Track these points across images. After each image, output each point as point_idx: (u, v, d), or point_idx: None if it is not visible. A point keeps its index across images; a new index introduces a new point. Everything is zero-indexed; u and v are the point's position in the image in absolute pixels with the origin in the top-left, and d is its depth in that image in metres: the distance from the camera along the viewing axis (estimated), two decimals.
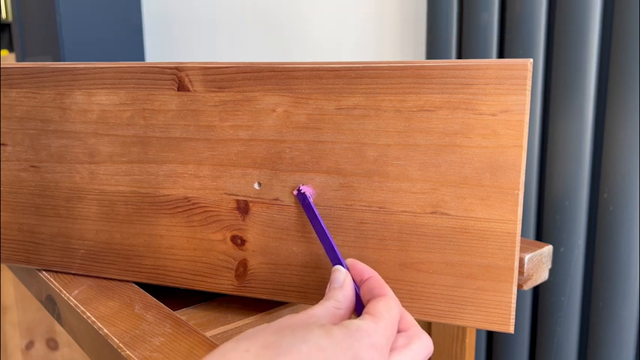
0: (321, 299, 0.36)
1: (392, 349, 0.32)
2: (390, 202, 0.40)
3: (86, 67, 0.47)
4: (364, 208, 0.41)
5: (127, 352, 0.39)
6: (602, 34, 0.73)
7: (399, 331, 0.34)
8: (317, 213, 0.41)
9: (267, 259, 0.44)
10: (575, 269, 0.78)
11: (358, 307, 0.36)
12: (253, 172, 0.43)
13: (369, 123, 0.40)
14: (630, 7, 0.68)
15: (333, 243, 0.39)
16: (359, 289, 0.37)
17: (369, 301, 0.35)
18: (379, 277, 0.37)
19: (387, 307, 0.33)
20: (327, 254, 0.40)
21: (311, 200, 0.41)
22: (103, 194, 0.48)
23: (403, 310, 0.35)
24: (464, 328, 0.63)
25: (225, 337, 0.45)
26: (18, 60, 1.47)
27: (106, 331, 0.41)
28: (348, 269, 0.38)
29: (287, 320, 0.32)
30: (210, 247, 0.45)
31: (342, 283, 0.36)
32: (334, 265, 0.39)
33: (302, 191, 0.42)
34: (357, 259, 0.41)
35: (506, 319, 0.38)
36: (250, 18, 1.24)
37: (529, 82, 0.36)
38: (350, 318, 0.35)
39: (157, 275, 0.48)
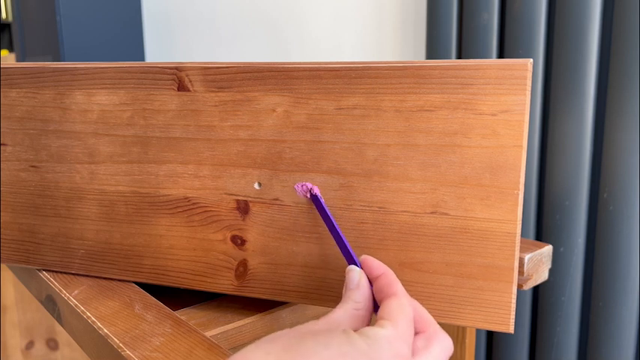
0: (340, 301, 0.35)
1: (412, 354, 0.32)
2: (390, 202, 0.40)
3: (86, 67, 0.47)
4: (364, 208, 0.41)
5: (127, 352, 0.39)
6: (602, 34, 0.73)
7: (416, 333, 0.33)
8: (329, 212, 0.40)
9: (267, 259, 0.44)
10: (575, 269, 0.78)
11: (374, 306, 0.36)
12: (253, 172, 0.43)
13: (369, 123, 0.40)
14: (630, 7, 0.68)
15: (345, 241, 0.39)
16: (372, 287, 0.36)
17: (381, 300, 0.34)
18: (390, 274, 0.36)
19: (401, 308, 0.33)
20: (341, 251, 0.39)
21: (322, 200, 0.41)
22: (103, 194, 0.48)
23: (419, 306, 0.35)
24: (464, 328, 0.63)
25: (225, 337, 0.45)
26: (18, 60, 1.47)
27: (106, 331, 0.41)
28: (361, 266, 0.37)
29: (309, 326, 0.31)
30: (210, 247, 0.45)
31: (357, 283, 0.35)
32: (349, 263, 0.38)
33: (314, 193, 0.41)
34: None
35: (506, 319, 0.38)
36: (250, 18, 1.24)
37: (529, 82, 0.36)
38: (370, 317, 0.35)
39: (157, 275, 0.48)
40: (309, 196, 0.42)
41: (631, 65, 0.69)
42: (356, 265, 0.38)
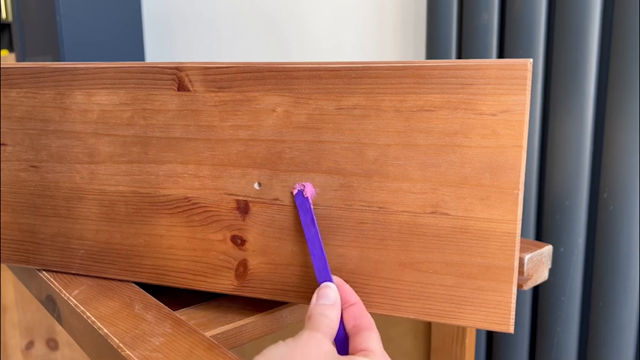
0: (311, 309, 0.37)
1: None
2: (390, 202, 0.40)
3: (86, 67, 0.47)
4: (364, 208, 0.41)
5: (127, 352, 0.39)
6: (602, 34, 0.73)
7: None
8: (315, 220, 0.41)
9: (267, 259, 0.44)
10: (575, 269, 0.78)
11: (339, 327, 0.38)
12: (253, 172, 0.43)
13: (369, 123, 0.40)
14: (630, 7, 0.68)
15: (324, 256, 0.40)
16: (341, 311, 0.38)
17: (353, 327, 0.37)
18: (363, 305, 0.39)
19: (380, 344, 0.36)
20: (314, 263, 0.40)
21: (311, 205, 0.41)
22: (103, 194, 0.48)
23: None
24: (464, 328, 0.63)
25: (225, 337, 0.45)
26: (18, 60, 1.47)
27: (106, 331, 0.41)
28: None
29: (308, 348, 0.33)
30: (210, 247, 0.45)
31: (333, 301, 0.38)
32: (318, 275, 0.40)
33: (305, 195, 0.41)
34: (357, 259, 0.41)
35: (506, 319, 0.38)
36: (250, 18, 1.24)
37: (529, 82, 0.36)
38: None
39: (157, 275, 0.48)
40: (295, 192, 0.41)
41: (631, 65, 0.69)
42: (328, 280, 0.39)
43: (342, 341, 0.38)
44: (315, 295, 0.38)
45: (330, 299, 0.38)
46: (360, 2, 1.02)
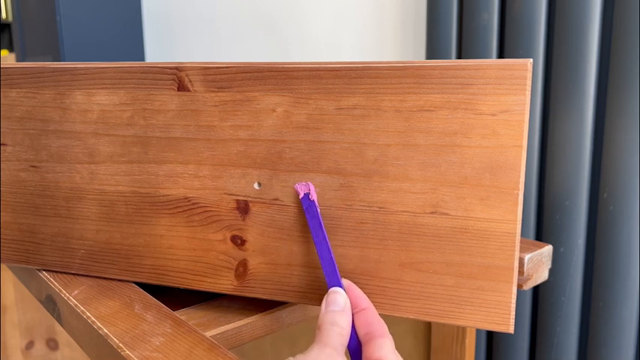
0: (321, 318, 0.37)
1: None
2: (390, 202, 0.40)
3: (86, 67, 0.47)
4: (364, 208, 0.41)
5: (127, 352, 0.39)
6: (602, 34, 0.73)
7: None
8: (322, 224, 0.40)
9: (267, 259, 0.44)
10: (575, 269, 0.78)
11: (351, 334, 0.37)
12: (253, 172, 0.43)
13: (369, 123, 0.40)
14: (630, 7, 0.68)
15: (333, 259, 0.39)
16: (352, 316, 0.38)
17: (366, 335, 0.37)
18: (374, 310, 0.38)
19: (393, 349, 0.35)
20: (323, 268, 0.40)
21: (318, 209, 0.41)
22: (103, 194, 0.48)
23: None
24: (464, 328, 0.63)
25: (225, 337, 0.45)
26: (18, 60, 1.47)
27: (105, 331, 0.41)
28: (344, 289, 0.39)
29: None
30: (210, 247, 0.45)
31: (343, 307, 0.37)
32: (328, 279, 0.39)
33: (312, 199, 0.41)
34: (357, 259, 0.41)
35: (506, 319, 0.38)
36: (250, 18, 1.24)
37: (529, 82, 0.36)
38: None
39: (157, 275, 0.48)
40: (302, 196, 0.41)
41: (631, 65, 0.69)
42: (338, 284, 0.39)
43: (356, 348, 0.37)
44: (324, 302, 0.38)
45: (340, 305, 0.37)
46: (360, 2, 1.02)
